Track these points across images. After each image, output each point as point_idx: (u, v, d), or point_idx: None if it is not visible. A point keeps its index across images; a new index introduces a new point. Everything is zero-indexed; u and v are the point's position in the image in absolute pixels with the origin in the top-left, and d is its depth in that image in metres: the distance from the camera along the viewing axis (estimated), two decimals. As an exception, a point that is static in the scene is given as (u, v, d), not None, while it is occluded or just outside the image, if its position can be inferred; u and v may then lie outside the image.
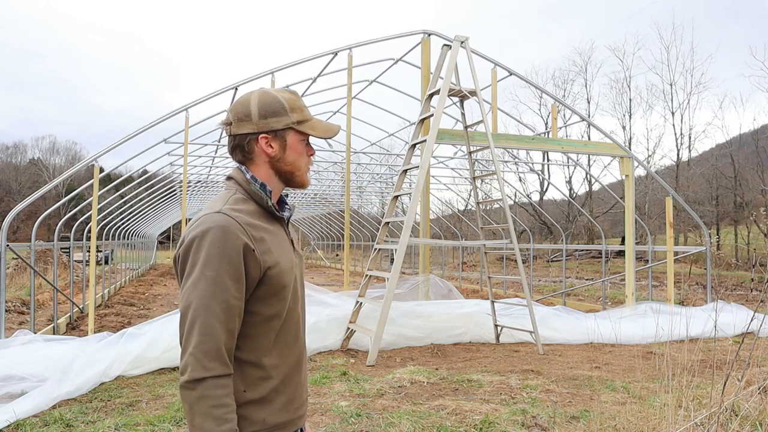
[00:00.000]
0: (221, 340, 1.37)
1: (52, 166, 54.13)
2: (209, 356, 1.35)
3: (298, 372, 1.59)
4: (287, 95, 1.58)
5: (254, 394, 1.47)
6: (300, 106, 1.58)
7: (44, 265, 15.99)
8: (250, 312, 1.46)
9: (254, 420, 1.47)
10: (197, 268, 1.39)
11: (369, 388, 5.34)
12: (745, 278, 17.63)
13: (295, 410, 1.57)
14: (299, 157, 1.58)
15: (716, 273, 16.70)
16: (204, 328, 1.36)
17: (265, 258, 1.45)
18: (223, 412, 1.35)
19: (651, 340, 7.46)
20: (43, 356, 5.89)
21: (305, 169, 1.62)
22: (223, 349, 1.37)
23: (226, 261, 1.38)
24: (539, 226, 32.59)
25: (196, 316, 1.37)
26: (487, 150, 8.59)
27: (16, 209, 7.44)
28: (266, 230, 1.50)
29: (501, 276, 12.75)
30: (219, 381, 1.36)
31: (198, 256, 1.40)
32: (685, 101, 29.15)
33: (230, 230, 1.40)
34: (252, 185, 1.54)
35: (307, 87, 10.59)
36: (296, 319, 1.59)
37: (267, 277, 1.46)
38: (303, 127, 1.57)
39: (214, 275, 1.38)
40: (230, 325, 1.39)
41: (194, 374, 1.34)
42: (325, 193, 23.38)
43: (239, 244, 1.40)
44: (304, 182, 1.63)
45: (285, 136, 1.56)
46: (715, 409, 3.18)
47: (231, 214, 1.43)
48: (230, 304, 1.39)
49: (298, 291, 1.60)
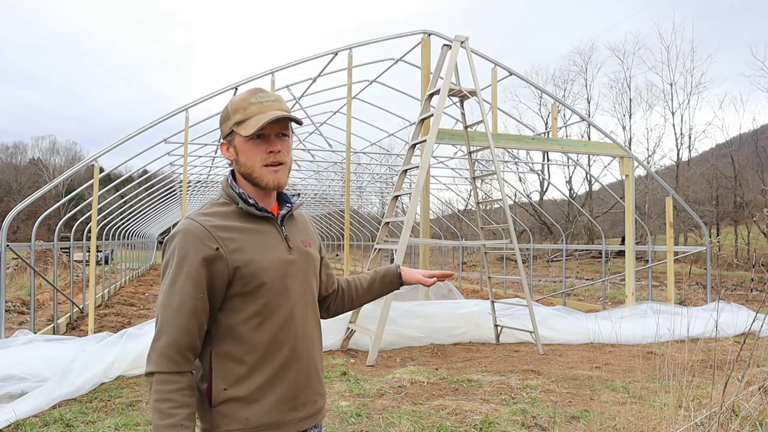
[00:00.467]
0: (172, 337, 1.42)
1: (52, 166, 54.11)
2: (159, 353, 1.42)
3: (295, 373, 1.55)
4: (240, 96, 1.57)
5: (236, 392, 1.48)
6: (243, 106, 1.54)
7: (44, 265, 15.99)
8: (230, 309, 1.50)
9: (236, 418, 1.47)
10: (165, 270, 1.49)
11: (369, 388, 5.34)
12: (745, 278, 17.62)
13: (290, 412, 1.54)
14: (250, 158, 1.54)
15: (716, 273, 16.69)
16: (159, 327, 1.45)
17: (234, 257, 1.48)
18: (168, 406, 1.39)
19: (651, 340, 7.46)
20: (43, 356, 5.88)
21: (263, 169, 1.54)
22: (173, 347, 1.42)
23: (184, 263, 1.45)
24: (539, 226, 32.59)
25: (157, 315, 1.47)
26: (487, 150, 8.59)
27: (16, 209, 7.44)
28: (241, 230, 1.52)
29: (501, 276, 12.75)
30: (165, 377, 1.40)
31: (166, 259, 1.50)
32: (685, 101, 29.18)
33: (191, 233, 1.46)
34: (229, 188, 1.58)
35: (307, 87, 10.59)
36: (287, 317, 1.54)
37: (238, 276, 1.48)
38: (239, 127, 1.54)
39: (173, 276, 1.45)
40: (184, 323, 1.43)
41: (147, 368, 1.44)
42: (325, 193, 23.37)
43: (200, 246, 1.45)
44: (262, 182, 1.55)
45: (233, 140, 1.57)
46: (715, 409, 3.18)
47: (197, 219, 1.50)
48: (185, 304, 1.43)
49: (291, 288, 1.56)
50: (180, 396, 1.40)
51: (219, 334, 1.50)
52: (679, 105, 29.13)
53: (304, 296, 1.61)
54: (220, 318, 1.50)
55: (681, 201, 11.76)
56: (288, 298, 1.55)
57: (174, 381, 1.41)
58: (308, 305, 1.62)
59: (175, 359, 1.42)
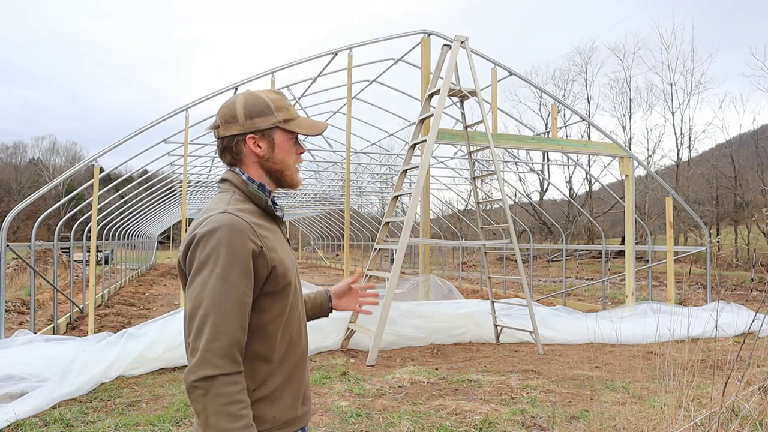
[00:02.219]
0: (232, 337, 1.36)
1: (52, 166, 54.12)
2: (219, 354, 1.34)
3: (302, 369, 1.61)
4: (273, 95, 1.59)
5: (263, 391, 1.48)
6: (285, 105, 1.59)
7: (44, 265, 15.99)
8: (259, 309, 1.47)
9: (265, 418, 1.48)
10: (206, 266, 1.39)
11: (369, 388, 5.34)
12: (745, 278, 17.62)
13: (301, 407, 1.59)
14: (288, 156, 1.59)
15: (716, 273, 16.69)
16: (214, 326, 1.35)
17: (272, 256, 1.47)
18: (238, 408, 1.34)
19: (651, 340, 7.46)
20: (43, 356, 5.88)
21: (294, 167, 1.62)
22: (234, 346, 1.37)
23: (236, 258, 1.39)
24: (539, 226, 32.60)
25: (206, 315, 1.36)
26: (487, 150, 8.59)
27: (16, 209, 7.44)
28: (268, 229, 1.53)
29: (501, 276, 12.75)
30: (230, 378, 1.34)
31: (206, 255, 1.39)
32: (685, 101, 29.23)
33: (238, 228, 1.41)
34: (250, 186, 1.55)
35: (307, 87, 10.59)
36: (298, 316, 1.60)
37: (274, 275, 1.47)
38: (289, 125, 1.57)
39: (225, 272, 1.37)
40: (241, 322, 1.40)
41: (204, 372, 1.32)
42: (325, 193, 23.37)
43: (248, 242, 1.41)
44: (293, 181, 1.63)
45: (272, 135, 1.57)
46: (715, 409, 3.18)
47: (237, 213, 1.45)
48: (241, 301, 1.39)
49: (298, 289, 1.62)
50: (245, 396, 1.38)
51: (249, 333, 1.47)
52: (679, 105, 29.19)
53: (302, 295, 1.69)
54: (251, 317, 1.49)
55: (681, 201, 11.76)
56: (299, 298, 1.61)
57: (239, 381, 1.37)
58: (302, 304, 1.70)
59: (237, 359, 1.38)
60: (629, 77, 31.05)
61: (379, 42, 9.00)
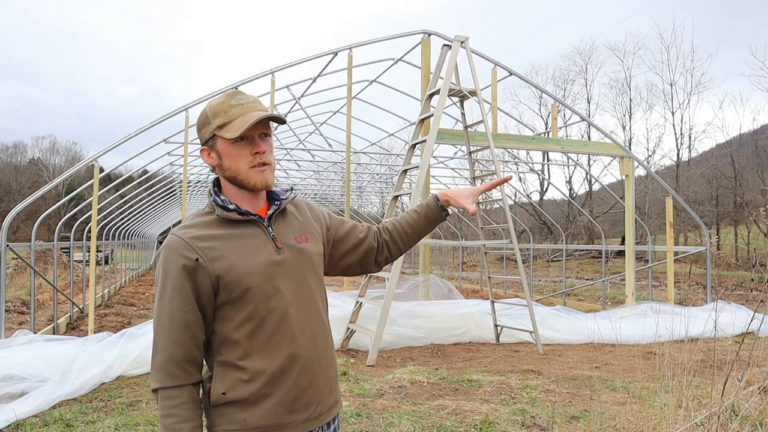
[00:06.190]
0: (166, 354, 1.46)
1: (52, 166, 54.10)
2: (158, 369, 1.46)
3: (295, 374, 1.53)
4: (216, 101, 1.55)
5: (235, 395, 1.49)
6: (223, 109, 1.52)
7: (44, 265, 15.99)
8: (221, 318, 1.52)
9: (233, 419, 1.49)
10: (156, 288, 1.52)
11: (369, 388, 5.34)
12: (745, 278, 17.63)
13: (289, 414, 1.52)
14: (236, 160, 1.53)
15: (716, 273, 16.70)
16: (155, 343, 1.48)
17: (214, 265, 1.48)
18: (172, 422, 1.43)
19: (651, 340, 7.47)
20: (43, 356, 5.88)
21: (247, 171, 1.53)
22: (169, 361, 1.45)
23: (167, 277, 1.48)
24: (539, 226, 32.58)
25: (153, 332, 1.50)
26: (487, 150, 8.60)
27: (16, 209, 7.44)
28: (222, 237, 1.52)
29: (501, 276, 12.75)
30: (166, 392, 1.45)
31: (155, 278, 1.55)
32: (685, 101, 29.18)
33: (171, 247, 1.49)
34: (212, 196, 1.58)
35: (307, 87, 10.60)
36: (281, 319, 1.52)
37: (222, 284, 1.49)
38: (222, 131, 1.51)
39: (161, 292, 1.49)
40: (176, 337, 1.46)
41: (152, 385, 1.48)
42: (325, 193, 23.38)
43: (179, 258, 1.47)
44: (250, 184, 1.54)
45: (215, 144, 1.55)
46: (715, 409, 3.18)
47: (177, 232, 1.52)
48: (174, 317, 1.47)
49: (283, 289, 1.53)
50: (182, 410, 1.44)
51: (217, 343, 1.52)
52: (679, 105, 29.13)
53: (300, 295, 1.57)
54: (215, 328, 1.52)
55: (681, 201, 11.76)
56: (280, 300, 1.52)
57: (175, 396, 1.45)
58: (307, 303, 1.58)
59: (173, 373, 1.45)
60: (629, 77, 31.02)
61: (379, 42, 9.01)
